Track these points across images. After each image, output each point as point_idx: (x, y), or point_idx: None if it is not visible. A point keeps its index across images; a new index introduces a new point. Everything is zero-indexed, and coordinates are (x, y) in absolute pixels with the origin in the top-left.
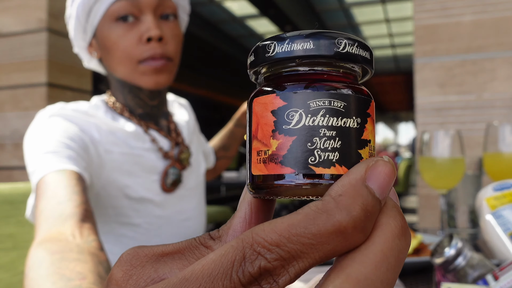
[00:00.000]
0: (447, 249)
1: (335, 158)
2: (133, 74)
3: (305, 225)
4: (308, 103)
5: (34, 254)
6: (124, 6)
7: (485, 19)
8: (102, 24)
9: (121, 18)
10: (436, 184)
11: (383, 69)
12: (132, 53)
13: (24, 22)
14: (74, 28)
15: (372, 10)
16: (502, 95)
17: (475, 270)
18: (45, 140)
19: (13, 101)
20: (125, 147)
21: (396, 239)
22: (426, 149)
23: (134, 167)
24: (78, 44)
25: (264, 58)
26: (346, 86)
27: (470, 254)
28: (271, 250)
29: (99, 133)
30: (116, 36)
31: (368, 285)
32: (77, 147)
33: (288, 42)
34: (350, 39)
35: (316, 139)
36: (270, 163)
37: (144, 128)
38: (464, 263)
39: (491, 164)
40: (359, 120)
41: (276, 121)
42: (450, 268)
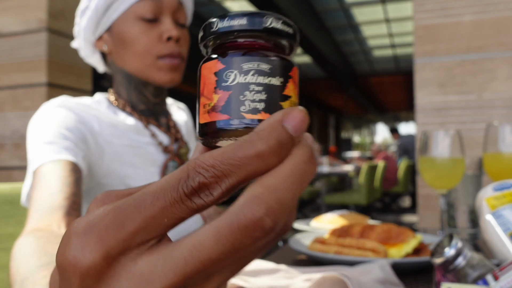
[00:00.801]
0: (447, 249)
1: (261, 107)
2: (149, 69)
3: (233, 151)
4: (241, 65)
5: (21, 240)
6: (148, 6)
7: (485, 19)
8: (122, 20)
9: (143, 16)
10: (436, 184)
11: (383, 69)
12: (152, 49)
13: (24, 22)
14: (88, 20)
15: (372, 10)
16: (502, 95)
17: (475, 270)
18: (45, 131)
19: (13, 101)
20: (125, 139)
21: (302, 163)
22: (426, 149)
23: (134, 158)
24: (86, 37)
25: (210, 33)
26: (272, 54)
27: (470, 254)
28: (208, 170)
29: (100, 124)
30: (138, 32)
31: (275, 190)
32: (75, 138)
33: (228, 19)
34: (276, 17)
35: (246, 93)
36: (212, 112)
37: (144, 123)
38: (464, 263)
39: (491, 164)
40: (282, 80)
41: (217, 80)
42: (450, 268)
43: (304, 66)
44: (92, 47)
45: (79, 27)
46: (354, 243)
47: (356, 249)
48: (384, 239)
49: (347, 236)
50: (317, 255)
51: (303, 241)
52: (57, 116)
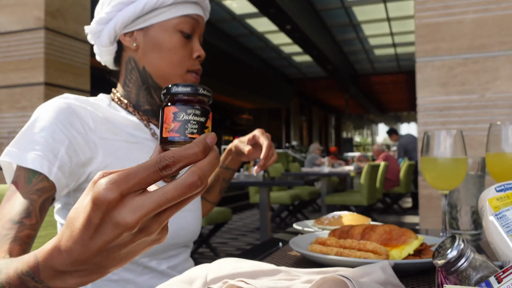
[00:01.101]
0: (449, 250)
1: (195, 131)
2: (176, 78)
3: (183, 150)
4: (186, 110)
5: None
6: (188, 23)
7: (487, 17)
8: (162, 27)
9: (183, 31)
10: (438, 185)
11: (384, 68)
12: (185, 62)
13: (21, 21)
14: (127, 13)
15: (373, 9)
16: (505, 95)
17: (478, 272)
18: (37, 131)
19: (10, 101)
20: (122, 135)
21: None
22: (428, 149)
23: (130, 153)
24: (115, 27)
25: (170, 92)
26: (201, 105)
27: (473, 255)
28: (170, 158)
29: (94, 121)
30: (177, 44)
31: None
32: (59, 146)
33: (180, 86)
34: (203, 88)
35: (188, 124)
36: (171, 132)
37: (145, 123)
38: (466, 265)
39: (493, 165)
40: (204, 118)
41: (173, 117)
42: (452, 270)
43: (304, 65)
44: (114, 38)
45: (111, 15)
46: (355, 244)
47: (357, 250)
48: (385, 240)
49: (348, 237)
50: (318, 256)
51: (304, 242)
52: (50, 118)
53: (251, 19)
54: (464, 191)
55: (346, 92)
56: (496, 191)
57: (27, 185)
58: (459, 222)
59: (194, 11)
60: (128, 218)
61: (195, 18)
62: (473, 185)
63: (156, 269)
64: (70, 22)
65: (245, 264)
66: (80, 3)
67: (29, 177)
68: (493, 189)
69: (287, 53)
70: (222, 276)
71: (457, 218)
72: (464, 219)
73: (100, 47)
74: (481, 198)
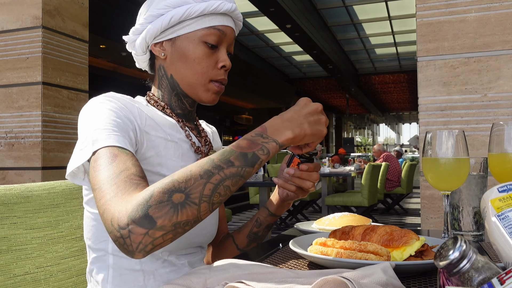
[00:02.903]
0: (451, 251)
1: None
2: (199, 87)
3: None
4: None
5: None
6: (214, 35)
7: (490, 16)
8: (188, 38)
9: (208, 42)
10: (439, 185)
11: (385, 67)
12: (209, 72)
13: (19, 19)
14: (156, 25)
15: (374, 7)
16: (507, 94)
17: (480, 274)
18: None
19: (7, 100)
20: (161, 132)
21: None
22: (429, 149)
23: (167, 150)
24: (147, 37)
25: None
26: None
27: (475, 257)
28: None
29: (140, 116)
30: (201, 55)
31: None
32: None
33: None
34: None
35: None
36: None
37: (181, 124)
38: (468, 266)
39: (496, 165)
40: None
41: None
42: (455, 271)
43: (305, 65)
44: (146, 47)
45: (143, 26)
46: (356, 245)
47: (358, 251)
48: (387, 242)
49: (349, 238)
50: (318, 257)
51: (304, 243)
52: (108, 106)
53: (251, 18)
54: (466, 191)
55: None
56: (499, 192)
57: (126, 155)
58: (461, 223)
59: (221, 23)
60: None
61: (221, 30)
62: (475, 186)
63: (175, 264)
64: (68, 21)
65: (245, 266)
66: (78, 2)
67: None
68: (496, 190)
69: (288, 53)
70: (222, 278)
71: (459, 219)
72: (466, 220)
73: (135, 55)
74: (483, 199)
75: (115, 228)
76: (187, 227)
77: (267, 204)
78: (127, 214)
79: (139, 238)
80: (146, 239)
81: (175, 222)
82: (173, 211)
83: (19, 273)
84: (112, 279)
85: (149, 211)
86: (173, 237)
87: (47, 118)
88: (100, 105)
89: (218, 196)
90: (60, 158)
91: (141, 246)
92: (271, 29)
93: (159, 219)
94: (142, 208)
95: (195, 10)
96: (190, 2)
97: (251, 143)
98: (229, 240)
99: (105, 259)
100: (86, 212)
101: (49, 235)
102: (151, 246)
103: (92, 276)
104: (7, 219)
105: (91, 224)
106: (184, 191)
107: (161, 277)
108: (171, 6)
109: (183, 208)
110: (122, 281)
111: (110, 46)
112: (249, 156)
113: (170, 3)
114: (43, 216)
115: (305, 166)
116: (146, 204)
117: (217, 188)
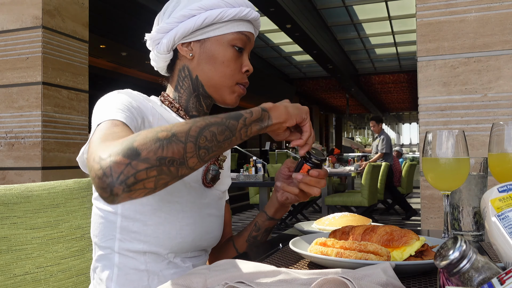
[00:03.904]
0: (452, 251)
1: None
2: (225, 89)
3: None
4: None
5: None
6: (242, 39)
7: (490, 16)
8: (218, 40)
9: (236, 45)
10: (439, 185)
11: (385, 67)
12: (236, 75)
13: (19, 19)
14: (187, 25)
15: (374, 7)
16: (507, 94)
17: (480, 274)
18: (113, 102)
19: (7, 100)
20: None
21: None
22: (429, 149)
23: None
24: (175, 37)
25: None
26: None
27: (475, 257)
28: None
29: (153, 116)
30: (230, 57)
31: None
32: (135, 116)
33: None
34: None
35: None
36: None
37: None
38: (468, 266)
39: (496, 165)
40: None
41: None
42: (455, 271)
43: (305, 65)
44: (171, 47)
45: (172, 25)
46: (356, 245)
47: (358, 251)
48: (387, 241)
49: (349, 238)
50: (318, 257)
51: (304, 243)
52: (122, 98)
53: None
54: (466, 191)
55: (347, 92)
56: (499, 192)
57: (126, 127)
58: (461, 223)
59: (247, 29)
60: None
61: (247, 35)
62: (475, 186)
63: (179, 266)
64: (68, 21)
65: (245, 266)
66: (78, 2)
67: (125, 125)
68: (496, 190)
69: (288, 53)
70: (222, 278)
71: (459, 219)
72: (466, 220)
73: (158, 53)
74: (483, 199)
75: (96, 161)
76: (172, 168)
77: (265, 208)
78: (110, 149)
79: (121, 167)
80: (128, 170)
81: (160, 157)
82: (159, 145)
83: (19, 273)
84: (117, 278)
85: (134, 144)
86: (157, 175)
87: (47, 118)
88: (114, 97)
89: (204, 140)
90: (60, 158)
91: (122, 177)
92: (271, 29)
93: (143, 150)
94: (127, 143)
95: (227, 14)
96: (222, 6)
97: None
98: (229, 244)
99: (111, 258)
100: (95, 208)
101: (49, 235)
102: (133, 179)
103: (96, 274)
104: (7, 219)
105: (99, 221)
106: (170, 131)
107: (165, 278)
108: (204, 8)
109: (169, 143)
110: (127, 280)
111: (110, 46)
112: (232, 114)
113: (204, 5)
114: (43, 216)
115: (315, 172)
116: (131, 139)
117: (203, 131)
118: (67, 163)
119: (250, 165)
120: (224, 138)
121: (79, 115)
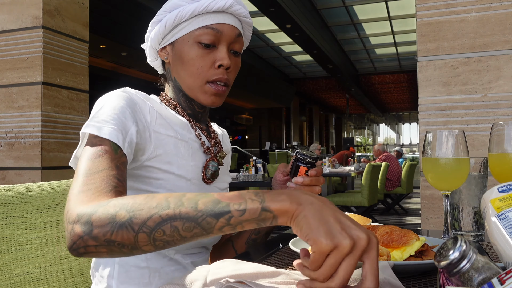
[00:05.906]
0: (452, 251)
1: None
2: (196, 90)
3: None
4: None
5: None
6: (207, 34)
7: (490, 16)
8: (184, 40)
9: (201, 42)
10: (439, 185)
11: (385, 67)
12: (203, 73)
13: (19, 19)
14: (156, 32)
15: (374, 7)
16: (507, 94)
17: (480, 274)
18: (109, 110)
19: (7, 100)
20: (171, 131)
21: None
22: (429, 149)
23: (178, 149)
24: (152, 44)
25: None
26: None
27: (475, 257)
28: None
29: (151, 115)
30: (194, 55)
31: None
32: (128, 127)
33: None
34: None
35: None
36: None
37: (192, 124)
38: (468, 266)
39: (496, 165)
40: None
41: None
42: (455, 271)
43: (305, 65)
44: (156, 53)
45: (149, 34)
46: None
47: None
48: (387, 242)
49: None
50: None
51: (304, 243)
52: (121, 101)
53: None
54: (466, 191)
55: (347, 92)
56: (499, 192)
57: (115, 154)
58: (461, 223)
59: (215, 21)
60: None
61: (216, 28)
62: (475, 186)
63: (180, 263)
64: (68, 21)
65: (245, 266)
66: (78, 2)
67: (115, 148)
68: (496, 190)
69: (288, 53)
70: (222, 278)
71: (459, 219)
72: (466, 220)
73: (152, 62)
74: (483, 199)
75: (66, 219)
76: (124, 249)
77: None
78: (78, 210)
79: (75, 238)
80: (79, 242)
81: (108, 239)
82: (110, 228)
83: (19, 273)
84: (118, 275)
85: (92, 217)
86: (108, 252)
87: (47, 118)
88: (113, 98)
89: (161, 233)
90: (60, 158)
91: (75, 246)
92: (271, 29)
93: (96, 228)
94: (91, 212)
95: (185, 12)
96: (182, 4)
97: (237, 196)
98: (228, 245)
99: None
100: None
101: (49, 235)
102: (83, 250)
103: (97, 271)
104: (7, 219)
105: None
106: (131, 212)
107: (166, 275)
108: (167, 10)
109: (119, 229)
110: (128, 278)
111: (110, 46)
112: (219, 205)
113: (166, 7)
114: (43, 216)
115: (313, 172)
116: (96, 209)
117: (162, 224)
118: (67, 163)
119: (250, 165)
120: (192, 235)
121: (79, 115)
